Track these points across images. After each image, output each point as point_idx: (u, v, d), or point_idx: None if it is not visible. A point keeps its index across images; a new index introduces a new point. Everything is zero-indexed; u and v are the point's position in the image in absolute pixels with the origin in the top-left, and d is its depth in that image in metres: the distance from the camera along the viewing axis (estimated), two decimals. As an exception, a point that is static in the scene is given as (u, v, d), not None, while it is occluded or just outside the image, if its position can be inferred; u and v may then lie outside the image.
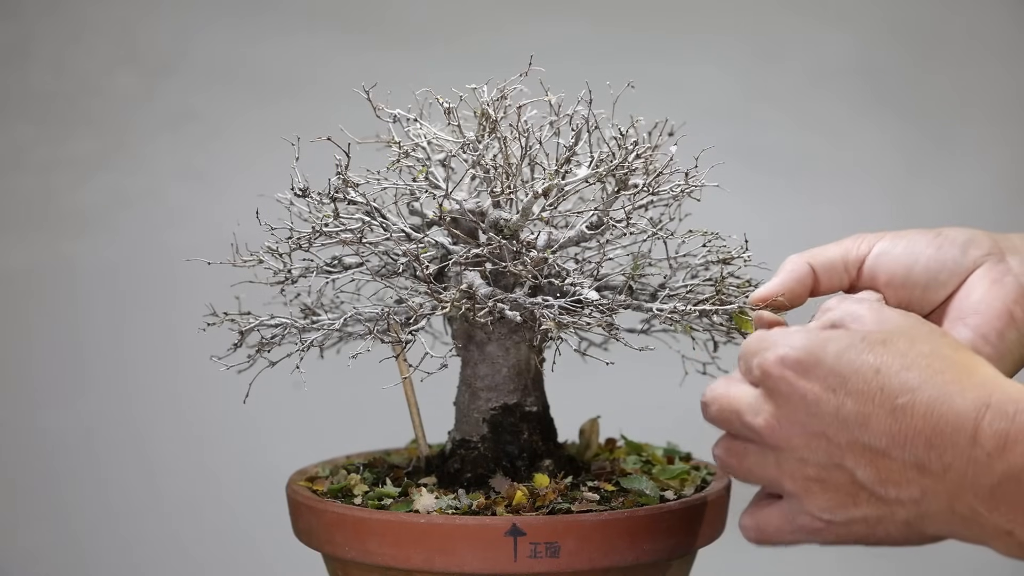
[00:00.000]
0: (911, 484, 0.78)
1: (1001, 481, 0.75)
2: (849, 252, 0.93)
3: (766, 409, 0.81)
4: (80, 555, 1.78)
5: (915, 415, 0.77)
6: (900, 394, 0.77)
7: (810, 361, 0.80)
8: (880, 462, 0.78)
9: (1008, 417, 0.75)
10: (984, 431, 0.75)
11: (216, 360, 1.01)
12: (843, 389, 0.79)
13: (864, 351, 0.79)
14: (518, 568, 0.91)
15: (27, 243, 1.81)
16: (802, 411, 0.80)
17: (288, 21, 1.84)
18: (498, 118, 0.94)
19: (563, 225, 1.00)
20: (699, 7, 1.85)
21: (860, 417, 0.78)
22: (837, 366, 0.79)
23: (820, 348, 0.80)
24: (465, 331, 1.02)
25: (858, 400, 0.78)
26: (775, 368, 0.81)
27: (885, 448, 0.78)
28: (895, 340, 0.80)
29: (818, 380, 0.79)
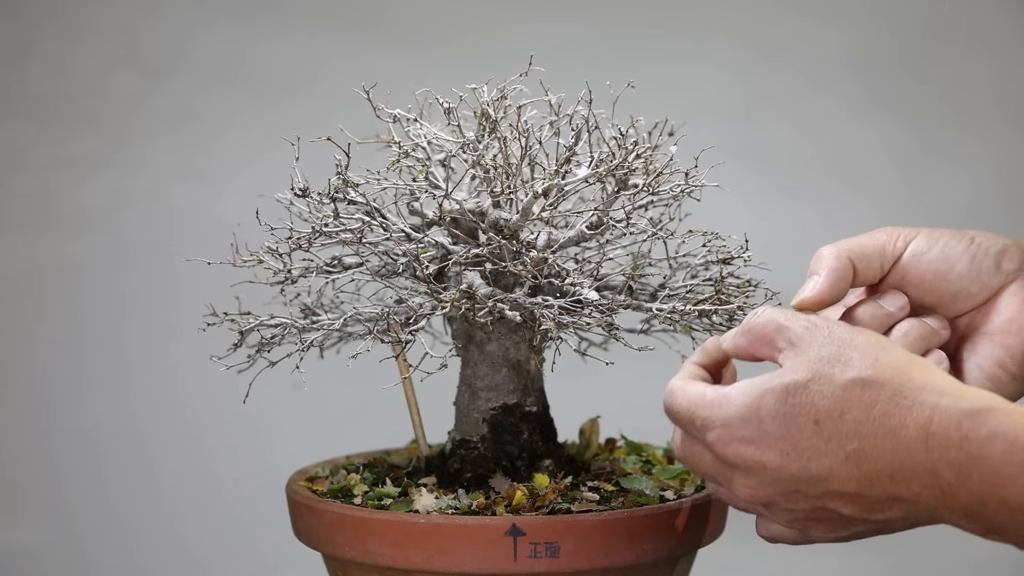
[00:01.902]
0: (893, 508, 0.80)
1: (970, 504, 0.76)
2: (886, 247, 0.92)
3: (736, 480, 0.83)
4: (80, 555, 1.78)
5: (870, 458, 0.78)
6: (847, 442, 0.78)
7: (753, 434, 0.81)
8: (857, 500, 0.80)
9: (955, 445, 0.76)
10: (939, 462, 0.76)
11: (216, 360, 1.01)
12: (795, 451, 0.80)
13: (796, 405, 0.80)
14: (518, 568, 0.91)
15: (27, 243, 1.81)
16: (769, 478, 0.81)
17: (288, 21, 1.84)
18: (498, 118, 0.94)
19: (563, 225, 1.00)
20: (699, 7, 1.85)
21: (822, 471, 0.79)
22: (780, 429, 0.80)
23: (755, 415, 0.81)
24: (465, 331, 1.02)
25: (812, 458, 0.79)
26: (725, 450, 0.82)
27: (856, 491, 0.79)
28: (817, 378, 0.80)
29: (769, 448, 0.80)
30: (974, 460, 0.75)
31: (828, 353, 0.80)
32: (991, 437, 0.75)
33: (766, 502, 0.83)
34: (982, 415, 0.76)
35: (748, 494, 0.83)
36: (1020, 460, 0.74)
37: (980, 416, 0.76)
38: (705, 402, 0.83)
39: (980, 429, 0.75)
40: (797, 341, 0.82)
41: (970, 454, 0.75)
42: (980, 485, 0.75)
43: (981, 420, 0.76)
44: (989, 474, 0.74)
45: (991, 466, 0.74)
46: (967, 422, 0.76)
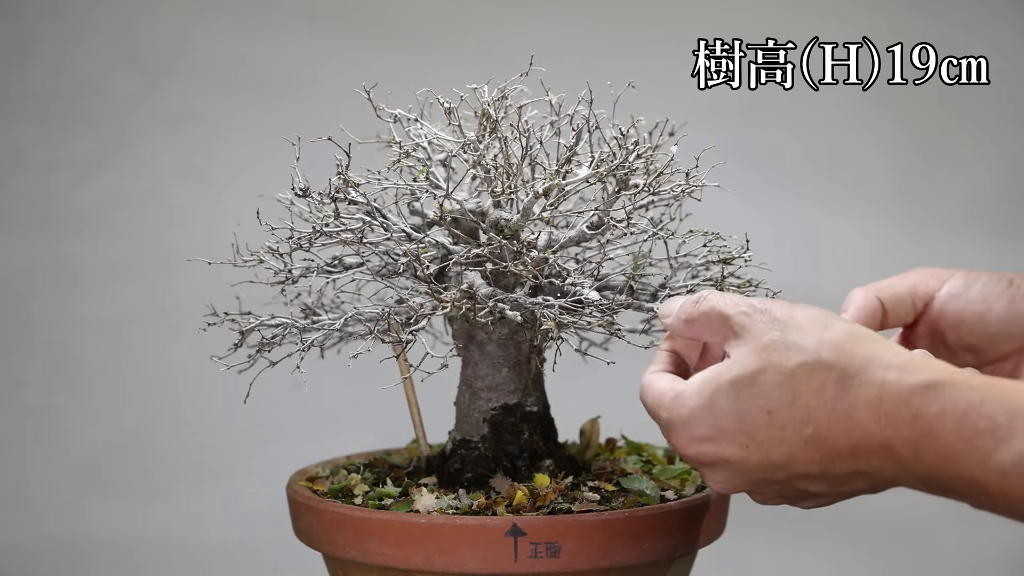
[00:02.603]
0: (857, 481, 0.81)
1: (927, 476, 0.77)
2: (917, 287, 0.93)
3: (707, 475, 0.85)
4: (80, 555, 1.78)
5: (826, 439, 0.79)
6: (802, 427, 0.79)
7: (710, 432, 0.82)
8: (823, 479, 0.81)
9: (908, 423, 0.76)
10: (893, 440, 0.77)
11: (216, 360, 1.01)
12: (753, 443, 0.81)
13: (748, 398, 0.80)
14: (518, 568, 0.91)
15: (27, 243, 1.81)
16: (734, 470, 0.82)
17: (288, 21, 1.84)
18: (498, 118, 0.94)
19: (564, 225, 1.00)
20: (699, 7, 1.85)
21: (783, 458, 0.80)
22: (735, 424, 0.81)
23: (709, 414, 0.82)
24: (465, 331, 1.02)
25: (771, 447, 0.80)
26: (687, 449, 0.83)
27: (820, 471, 0.80)
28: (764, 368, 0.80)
29: (728, 443, 0.82)
30: (926, 437, 0.75)
31: (771, 340, 0.81)
32: (941, 414, 0.75)
33: (739, 488, 0.84)
34: (930, 390, 0.76)
35: (720, 487, 0.84)
36: (970, 436, 0.74)
37: (929, 392, 0.76)
38: (664, 403, 0.84)
39: (930, 406, 0.75)
40: (740, 330, 0.82)
41: (922, 431, 0.75)
42: (935, 460, 0.75)
43: (931, 396, 0.76)
44: (942, 450, 0.75)
45: (943, 443, 0.75)
46: (916, 399, 0.76)
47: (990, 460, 0.73)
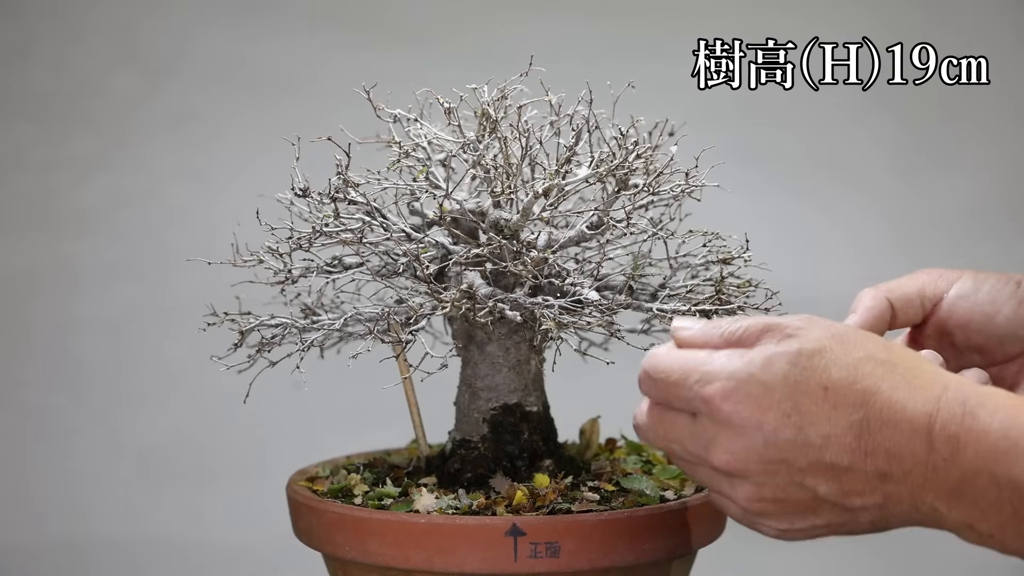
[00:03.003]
0: (874, 492, 0.78)
1: (959, 482, 0.76)
2: (926, 288, 0.94)
3: (719, 443, 0.80)
4: (80, 555, 1.78)
5: (872, 429, 0.77)
6: (853, 411, 0.77)
7: (758, 391, 0.78)
8: (844, 477, 0.78)
9: (957, 420, 0.76)
10: (937, 436, 0.76)
11: (216, 360, 1.01)
12: (797, 413, 0.78)
13: (807, 369, 0.78)
14: (518, 568, 0.91)
15: (27, 243, 1.81)
16: (759, 442, 0.79)
17: (288, 21, 1.84)
18: (498, 118, 0.94)
19: (563, 225, 1.00)
20: (699, 7, 1.85)
21: (820, 439, 0.78)
22: (786, 390, 0.78)
23: (763, 373, 0.78)
24: (465, 331, 1.02)
25: (814, 422, 0.78)
26: (723, 403, 0.79)
27: (849, 464, 0.78)
28: (830, 349, 0.79)
29: (771, 408, 0.78)
30: (972, 434, 0.75)
31: (836, 332, 0.80)
32: (993, 412, 0.75)
33: (740, 472, 0.80)
34: (989, 396, 0.76)
35: (726, 460, 0.80)
36: (1016, 436, 0.74)
37: (987, 396, 0.76)
38: (701, 359, 0.81)
39: (984, 405, 0.76)
40: (796, 332, 0.80)
41: (969, 428, 0.75)
42: (974, 459, 0.75)
43: (987, 397, 0.76)
44: (985, 448, 0.75)
45: (989, 440, 0.75)
46: (972, 399, 0.76)
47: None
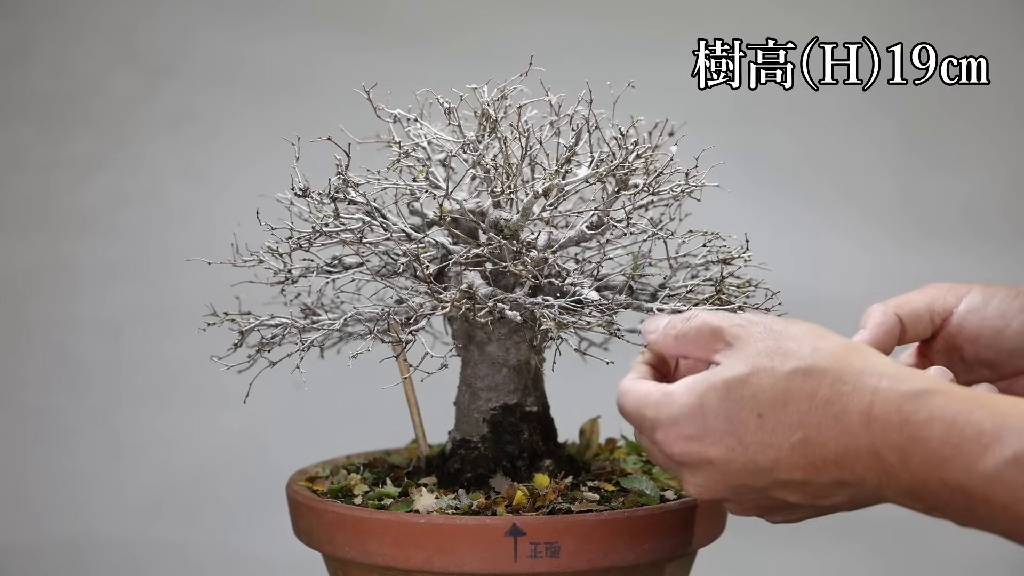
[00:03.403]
0: (838, 494, 0.81)
1: (912, 485, 0.77)
2: (935, 303, 0.94)
3: (684, 477, 0.84)
4: (80, 555, 1.78)
5: (814, 445, 0.79)
6: (791, 432, 0.79)
7: (698, 431, 0.81)
8: (805, 488, 0.81)
9: (896, 428, 0.76)
10: (881, 446, 0.77)
11: (216, 360, 1.01)
12: (740, 445, 0.80)
13: (738, 401, 0.80)
14: (518, 568, 0.91)
15: (27, 243, 1.81)
16: (717, 473, 0.82)
17: (288, 21, 1.84)
18: (498, 118, 0.94)
19: (563, 225, 1.00)
20: (699, 7, 1.85)
21: (768, 463, 0.80)
22: (724, 425, 0.80)
23: (698, 413, 0.81)
24: (465, 331, 1.02)
25: (758, 450, 0.80)
26: (672, 448, 0.83)
27: (803, 479, 0.80)
28: (757, 372, 0.80)
29: (714, 445, 0.81)
30: (914, 442, 0.76)
31: (766, 347, 0.81)
32: (930, 420, 0.75)
33: (714, 496, 0.84)
34: (921, 397, 0.76)
35: (697, 491, 0.84)
36: (957, 442, 0.74)
37: (919, 399, 0.76)
38: (651, 402, 0.84)
39: (919, 412, 0.76)
40: (734, 340, 0.82)
41: (911, 437, 0.76)
42: (921, 467, 0.76)
43: (920, 402, 0.76)
44: (928, 456, 0.75)
45: (930, 448, 0.75)
46: (907, 405, 0.76)
47: (976, 466, 0.74)
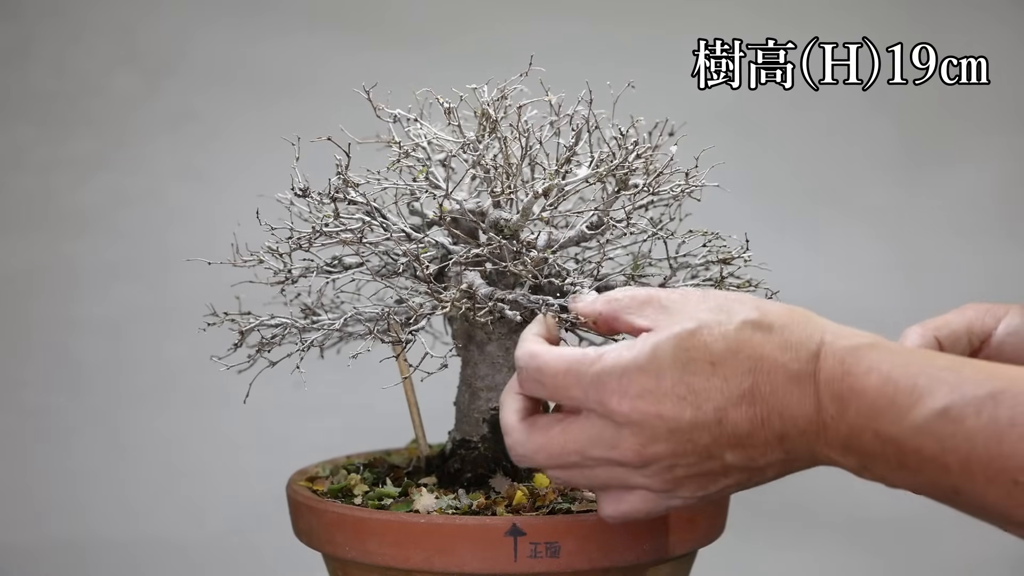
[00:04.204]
0: (776, 450, 0.81)
1: (847, 437, 0.78)
2: (974, 324, 0.94)
3: (624, 440, 0.81)
4: (80, 555, 1.78)
5: (763, 394, 0.80)
6: (742, 380, 0.80)
7: (651, 383, 0.80)
8: (746, 442, 0.81)
9: (838, 379, 0.78)
10: (824, 395, 0.79)
11: (216, 360, 1.01)
12: (692, 393, 0.80)
13: (691, 349, 0.80)
14: (518, 568, 0.91)
15: (27, 243, 1.81)
16: (663, 430, 0.80)
17: (288, 21, 1.84)
18: (498, 118, 0.94)
19: (563, 225, 1.00)
20: (699, 7, 1.85)
21: (717, 413, 0.80)
22: (676, 374, 0.80)
23: (651, 363, 0.80)
24: (465, 331, 1.02)
25: (709, 398, 0.80)
26: (621, 403, 0.80)
27: (749, 431, 0.80)
28: (708, 323, 0.80)
29: (666, 396, 0.80)
30: (853, 393, 0.78)
31: (708, 306, 0.82)
32: (868, 371, 0.77)
33: (651, 460, 0.81)
34: (862, 350, 0.78)
35: (635, 451, 0.81)
36: (891, 393, 0.76)
37: (860, 351, 0.78)
38: (590, 359, 0.81)
39: (860, 363, 0.78)
40: (670, 305, 0.82)
41: (850, 387, 0.78)
42: (857, 418, 0.77)
43: (861, 355, 0.78)
44: (865, 407, 0.77)
45: (866, 399, 0.77)
46: (849, 357, 0.78)
47: (906, 418, 0.76)
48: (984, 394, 0.75)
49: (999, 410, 0.74)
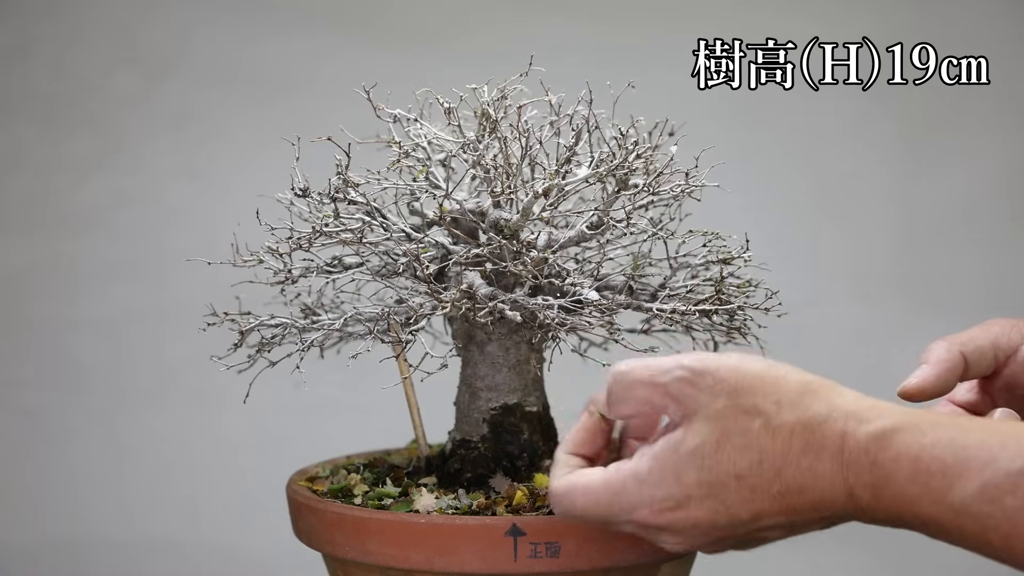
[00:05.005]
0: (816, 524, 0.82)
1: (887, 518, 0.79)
2: (1000, 339, 0.94)
3: (665, 539, 0.83)
4: (80, 555, 1.78)
5: (792, 494, 0.79)
6: (770, 486, 0.80)
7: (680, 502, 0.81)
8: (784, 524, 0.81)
9: (866, 470, 0.78)
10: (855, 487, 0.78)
11: (216, 360, 1.01)
12: (723, 505, 0.80)
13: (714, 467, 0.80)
14: (518, 568, 0.91)
15: (27, 243, 1.81)
16: (699, 532, 0.82)
17: (288, 21, 1.84)
18: (498, 118, 0.94)
19: (563, 225, 1.00)
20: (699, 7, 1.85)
21: (751, 515, 0.81)
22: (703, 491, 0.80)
23: (678, 486, 0.81)
24: (465, 331, 1.02)
25: (740, 507, 0.80)
26: (657, 521, 0.82)
27: (787, 522, 0.81)
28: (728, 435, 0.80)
29: (697, 509, 0.81)
30: (884, 482, 0.77)
31: (725, 406, 0.80)
32: (896, 459, 0.77)
33: (694, 548, 0.84)
34: (887, 437, 0.78)
35: (677, 547, 0.83)
36: (923, 480, 0.76)
37: (884, 439, 0.77)
38: (616, 489, 0.82)
39: (887, 451, 0.77)
40: (683, 398, 0.81)
41: (880, 476, 0.77)
42: (893, 504, 0.77)
43: (886, 443, 0.77)
44: (899, 494, 0.77)
45: (899, 487, 0.77)
46: (873, 445, 0.78)
47: (943, 501, 0.75)
48: (1017, 470, 0.74)
49: None
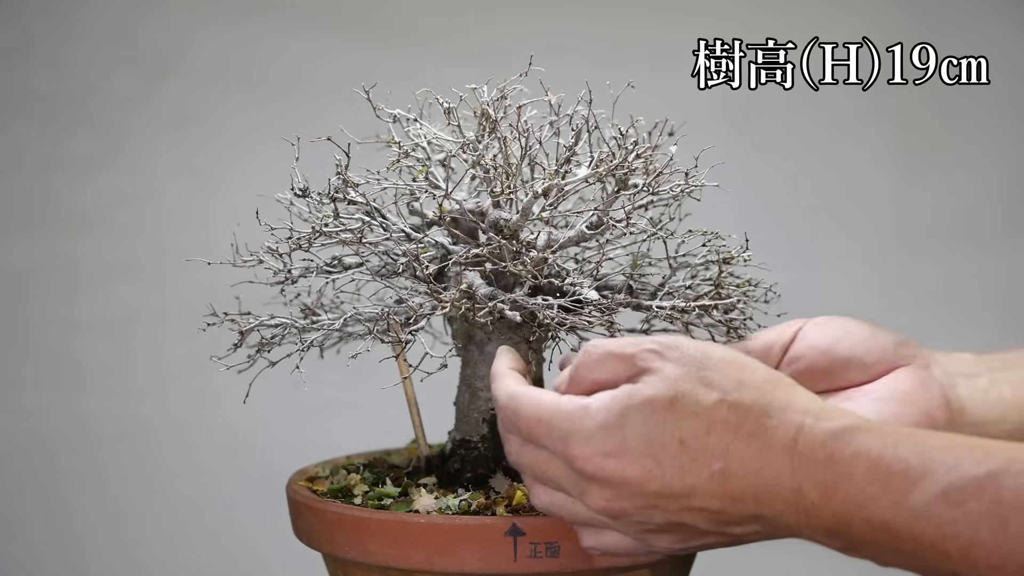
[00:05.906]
0: (751, 525, 0.79)
1: (833, 524, 0.76)
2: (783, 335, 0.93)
3: (591, 492, 0.81)
4: (80, 555, 1.78)
5: (734, 477, 0.77)
6: (712, 461, 0.77)
7: (616, 448, 0.79)
8: (718, 516, 0.79)
9: (820, 465, 0.75)
10: (804, 483, 0.76)
11: (216, 360, 1.01)
12: (658, 467, 0.78)
13: (660, 423, 0.78)
14: (518, 568, 0.91)
15: (27, 243, 1.81)
16: (628, 492, 0.79)
17: (287, 21, 1.84)
18: (498, 118, 0.94)
19: (563, 225, 1.00)
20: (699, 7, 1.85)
21: (685, 488, 0.78)
22: (642, 446, 0.78)
23: (618, 430, 0.79)
24: (465, 331, 1.02)
25: (675, 476, 0.78)
26: (586, 464, 0.80)
27: (719, 508, 0.78)
28: (682, 396, 0.78)
29: (631, 464, 0.78)
30: (839, 479, 0.74)
31: (687, 373, 0.79)
32: (855, 456, 0.74)
33: (618, 514, 0.81)
34: (847, 434, 0.75)
35: (602, 505, 0.81)
36: (883, 479, 0.73)
37: (845, 435, 0.75)
38: (563, 413, 0.81)
39: (845, 448, 0.75)
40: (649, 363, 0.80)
41: (835, 474, 0.75)
42: (844, 505, 0.74)
43: (846, 440, 0.75)
44: (853, 494, 0.74)
45: (855, 486, 0.74)
46: (831, 442, 0.75)
47: (903, 503, 0.72)
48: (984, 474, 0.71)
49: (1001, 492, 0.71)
